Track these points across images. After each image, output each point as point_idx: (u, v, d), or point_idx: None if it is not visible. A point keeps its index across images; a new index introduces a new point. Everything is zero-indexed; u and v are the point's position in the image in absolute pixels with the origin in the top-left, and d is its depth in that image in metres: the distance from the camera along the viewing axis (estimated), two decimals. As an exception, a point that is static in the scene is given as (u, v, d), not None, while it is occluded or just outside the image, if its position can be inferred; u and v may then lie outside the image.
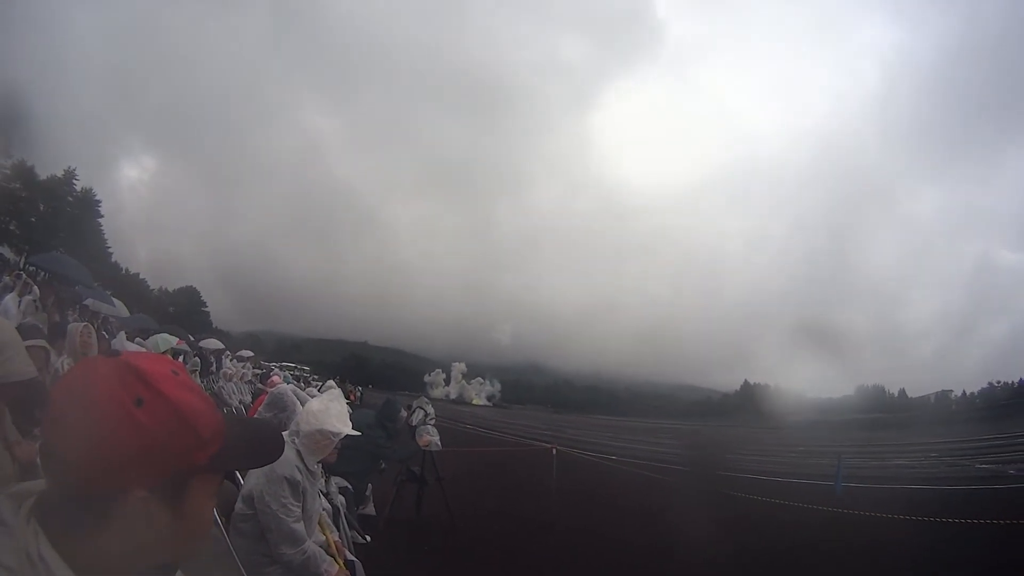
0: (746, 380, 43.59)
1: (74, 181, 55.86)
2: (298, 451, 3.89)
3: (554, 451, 12.29)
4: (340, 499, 5.72)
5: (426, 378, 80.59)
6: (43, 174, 50.71)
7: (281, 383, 7.58)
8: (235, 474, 3.98)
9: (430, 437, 8.53)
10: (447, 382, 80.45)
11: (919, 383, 44.36)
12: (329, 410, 4.06)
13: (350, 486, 6.57)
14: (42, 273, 12.92)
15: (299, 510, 3.70)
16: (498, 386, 79.36)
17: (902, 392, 43.28)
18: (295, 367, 39.40)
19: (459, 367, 79.97)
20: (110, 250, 61.32)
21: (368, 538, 6.48)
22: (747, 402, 40.39)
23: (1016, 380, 40.20)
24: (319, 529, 4.11)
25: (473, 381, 79.56)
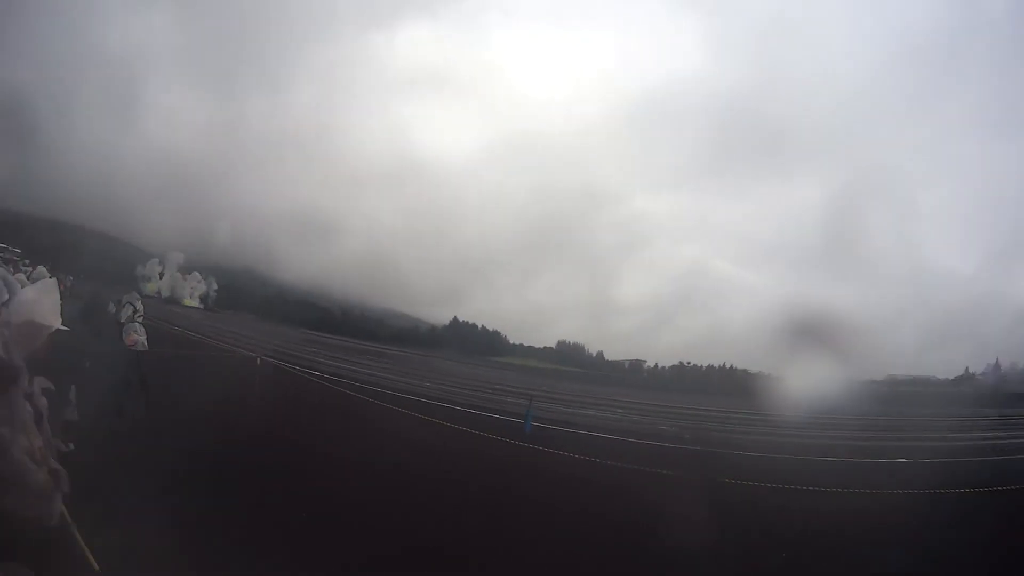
0: (455, 317, 45.95)
1: None
2: (5, 343, 3.50)
3: (259, 361, 12.18)
4: (43, 401, 5.16)
5: (139, 270, 71.56)
6: None
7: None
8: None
9: (137, 336, 8.00)
10: (162, 275, 72.25)
11: (617, 351, 50.05)
12: (42, 300, 3.69)
13: (52, 386, 5.93)
14: None
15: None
16: (215, 286, 73.41)
17: (600, 354, 48.58)
18: (5, 248, 32.75)
19: (175, 257, 72.07)
20: None
21: (71, 446, 5.92)
22: (455, 337, 42.71)
23: (705, 364, 47.85)
24: (22, 435, 3.76)
25: (189, 276, 72.54)
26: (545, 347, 47.37)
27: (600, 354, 48.94)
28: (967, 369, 44.69)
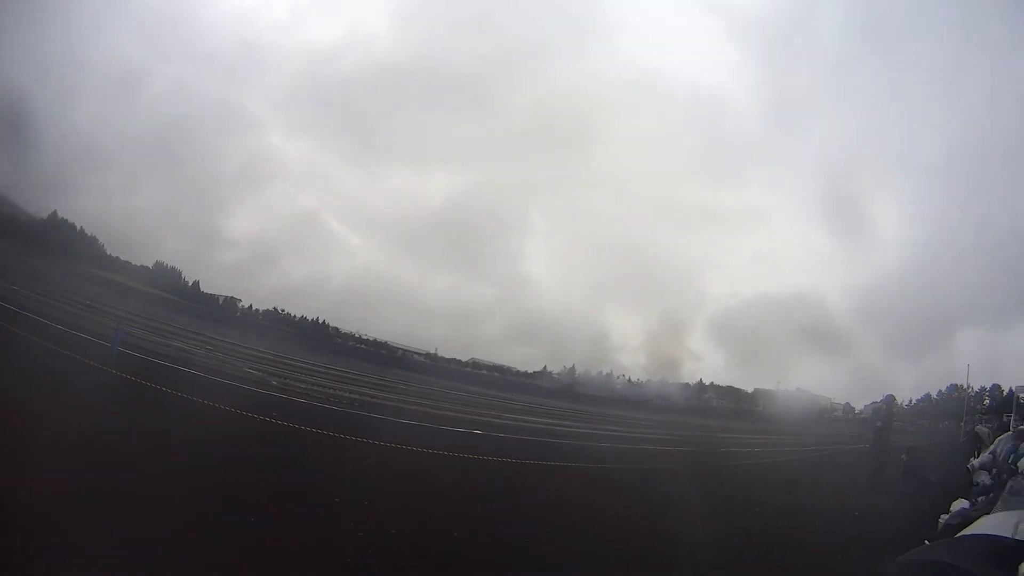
0: (56, 211, 39.75)
1: None
2: None
3: None
4: None
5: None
6: None
7: None
8: None
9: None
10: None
11: (214, 284, 48.34)
12: None
13: None
14: None
15: None
16: None
17: (196, 284, 46.71)
18: None
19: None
20: None
21: None
22: (51, 235, 37.27)
23: (299, 314, 48.95)
24: None
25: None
26: (142, 266, 44.19)
27: (196, 284, 47.44)
28: (545, 366, 54.41)
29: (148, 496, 7.11)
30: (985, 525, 5.27)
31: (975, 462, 12.61)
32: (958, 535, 5.53)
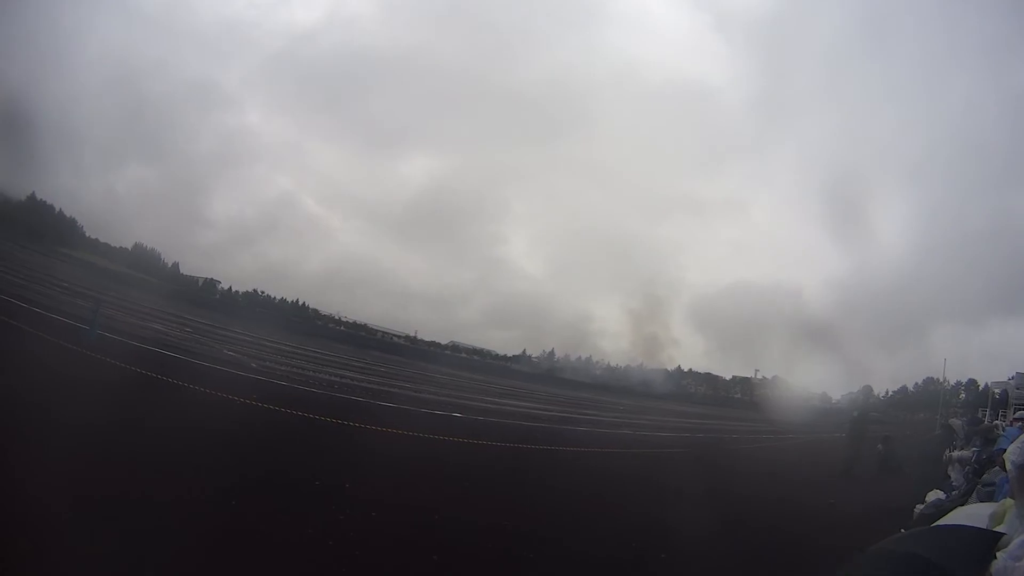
0: (34, 192, 39.05)
1: None
2: None
3: None
4: None
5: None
6: None
7: None
8: None
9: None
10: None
11: (193, 265, 48.05)
12: None
13: None
14: None
15: None
16: None
17: (176, 265, 46.35)
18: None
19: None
20: None
21: None
22: (27, 218, 36.60)
23: (278, 296, 48.62)
24: None
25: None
26: (121, 247, 43.69)
27: (176, 265, 47.14)
28: (524, 350, 54.66)
29: (122, 479, 6.96)
30: (959, 516, 5.34)
31: (951, 454, 12.71)
32: (933, 525, 5.60)
